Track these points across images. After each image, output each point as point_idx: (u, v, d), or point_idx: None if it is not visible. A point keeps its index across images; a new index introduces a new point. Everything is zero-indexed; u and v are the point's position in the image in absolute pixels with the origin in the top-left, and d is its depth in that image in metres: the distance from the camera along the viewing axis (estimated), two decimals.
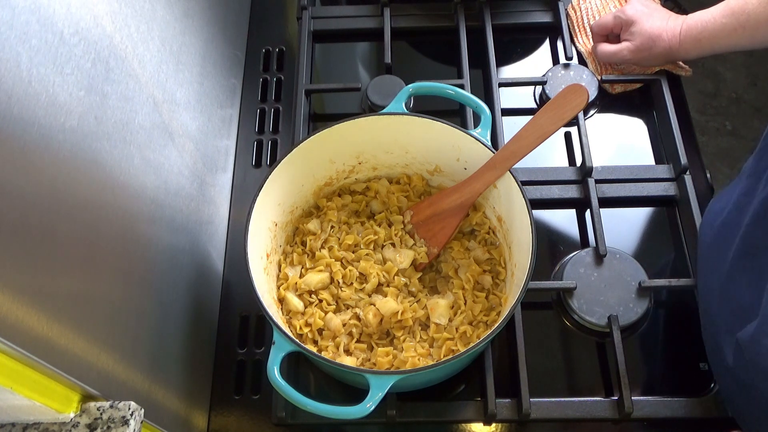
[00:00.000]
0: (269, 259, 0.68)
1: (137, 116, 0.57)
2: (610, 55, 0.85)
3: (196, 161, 0.72)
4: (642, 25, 0.82)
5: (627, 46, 0.83)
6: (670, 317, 0.75)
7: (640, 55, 0.83)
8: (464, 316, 0.67)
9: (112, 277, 0.52)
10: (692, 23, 0.80)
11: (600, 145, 0.85)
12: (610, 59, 0.86)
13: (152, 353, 0.59)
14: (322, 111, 0.91)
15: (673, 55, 0.83)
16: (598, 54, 0.87)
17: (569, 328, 0.74)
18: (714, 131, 1.79)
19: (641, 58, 0.84)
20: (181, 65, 0.68)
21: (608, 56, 0.86)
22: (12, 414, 0.45)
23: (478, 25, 0.92)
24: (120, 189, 0.53)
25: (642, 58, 0.84)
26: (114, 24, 0.53)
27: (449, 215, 0.71)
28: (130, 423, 0.46)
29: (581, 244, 0.80)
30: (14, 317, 0.39)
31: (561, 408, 0.68)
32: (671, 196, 0.81)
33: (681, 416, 0.67)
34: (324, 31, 0.95)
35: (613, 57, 0.85)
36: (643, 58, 0.84)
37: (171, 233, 0.64)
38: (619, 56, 0.85)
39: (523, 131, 0.67)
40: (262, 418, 0.70)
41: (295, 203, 0.72)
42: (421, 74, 0.93)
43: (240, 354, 0.74)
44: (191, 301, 0.69)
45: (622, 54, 0.84)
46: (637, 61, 0.85)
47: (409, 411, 0.68)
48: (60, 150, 0.44)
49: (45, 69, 0.43)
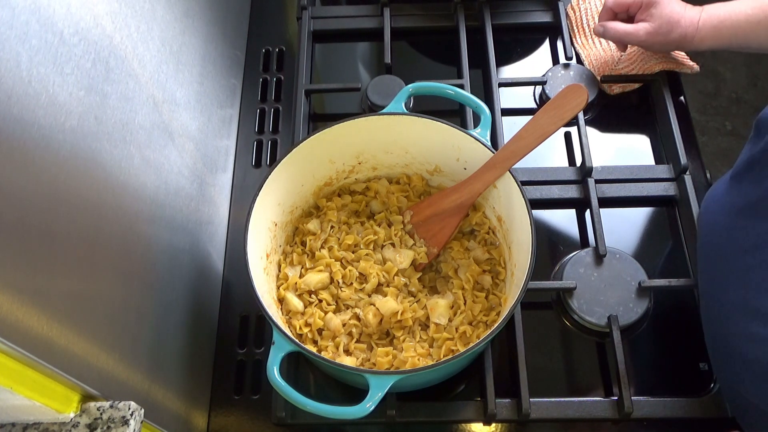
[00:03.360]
0: (269, 259, 0.68)
1: (137, 116, 0.57)
2: (624, 34, 0.81)
3: (196, 161, 0.72)
4: (663, 7, 0.79)
5: (645, 27, 0.80)
6: (670, 317, 0.75)
7: (655, 39, 0.80)
8: (464, 316, 0.67)
9: (112, 277, 0.52)
10: (713, 12, 0.77)
11: (600, 145, 0.85)
12: (621, 39, 0.82)
13: (152, 353, 0.59)
14: (322, 111, 0.91)
15: (687, 44, 0.80)
16: (607, 32, 0.82)
17: (569, 328, 0.74)
18: (714, 131, 1.79)
19: (655, 42, 0.81)
20: (181, 65, 0.68)
21: (621, 35, 0.81)
22: (12, 414, 0.45)
23: (478, 25, 0.93)
24: (120, 189, 0.53)
25: (656, 42, 0.80)
26: (114, 24, 0.53)
27: (449, 215, 0.71)
28: (130, 423, 0.46)
29: (581, 244, 0.80)
30: (14, 317, 0.39)
31: (561, 408, 0.68)
32: (671, 196, 0.81)
33: (681, 416, 0.67)
34: (324, 31, 0.95)
35: (627, 37, 0.81)
36: (656, 42, 0.81)
37: (171, 233, 0.64)
38: (633, 36, 0.80)
39: (523, 131, 0.67)
40: (262, 418, 0.70)
41: (295, 203, 0.72)
42: (421, 74, 0.93)
43: (240, 354, 0.74)
44: (191, 301, 0.69)
45: (638, 34, 0.80)
46: (650, 44, 0.82)
47: (409, 411, 0.68)
48: (60, 150, 0.44)
49: (45, 69, 0.43)
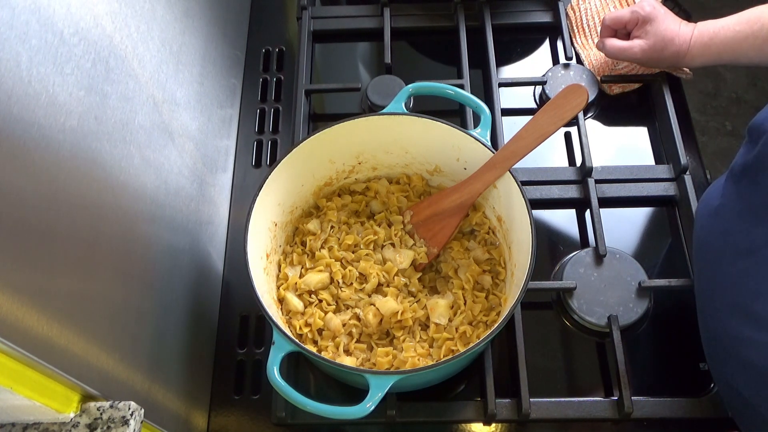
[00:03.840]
0: (269, 259, 0.68)
1: (137, 116, 0.57)
2: (619, 50, 0.83)
3: (196, 161, 0.72)
4: (659, 25, 0.80)
5: (639, 44, 0.81)
6: (670, 317, 0.75)
7: (650, 56, 0.81)
8: (464, 316, 0.67)
9: (112, 277, 0.52)
10: (703, 29, 0.79)
11: (600, 145, 0.85)
12: (617, 55, 0.83)
13: (152, 353, 0.59)
14: (322, 111, 0.91)
15: (680, 61, 0.82)
16: (606, 48, 0.84)
17: (569, 328, 0.74)
18: (714, 131, 1.79)
19: (649, 59, 0.82)
20: (181, 65, 0.68)
21: (617, 52, 0.83)
22: (12, 414, 0.45)
23: (478, 25, 0.92)
24: (120, 189, 0.53)
25: (651, 58, 0.82)
26: (114, 24, 0.53)
27: (449, 215, 0.71)
28: (130, 423, 0.46)
29: (581, 244, 0.80)
30: (14, 317, 0.39)
31: (561, 408, 0.68)
32: (671, 196, 0.81)
33: (680, 416, 0.67)
34: (324, 31, 0.95)
35: (622, 53, 0.83)
36: (651, 59, 0.82)
37: (171, 233, 0.64)
38: (628, 53, 0.82)
39: (523, 131, 0.67)
40: (262, 418, 0.70)
41: (295, 203, 0.72)
42: (421, 74, 0.93)
43: (240, 354, 0.74)
44: (191, 301, 0.69)
45: (632, 51, 0.82)
46: (645, 61, 0.83)
47: (409, 411, 0.68)
48: (60, 150, 0.44)
49: (45, 69, 0.43)
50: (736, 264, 0.60)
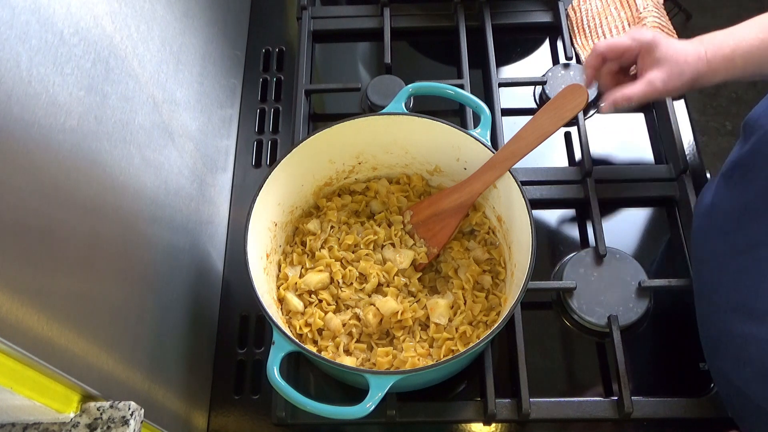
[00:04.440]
0: (269, 259, 0.68)
1: (137, 116, 0.57)
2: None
3: (196, 161, 0.72)
4: (666, 49, 0.68)
5: (658, 75, 0.68)
6: (670, 317, 0.75)
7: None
8: (464, 316, 0.67)
9: (112, 277, 0.52)
10: (716, 43, 0.68)
11: (600, 145, 0.85)
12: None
13: (152, 353, 0.59)
14: (322, 111, 0.91)
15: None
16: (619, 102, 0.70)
17: (569, 328, 0.74)
18: (714, 131, 1.79)
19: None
20: (181, 65, 0.68)
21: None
22: (12, 414, 0.45)
23: (478, 25, 0.92)
24: (120, 189, 0.53)
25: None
26: (114, 24, 0.53)
27: (449, 215, 0.71)
28: (130, 423, 0.46)
29: (581, 244, 0.80)
30: (14, 317, 0.39)
31: (561, 408, 0.68)
32: (671, 196, 0.81)
33: (680, 416, 0.67)
34: (324, 31, 0.95)
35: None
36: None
37: (171, 233, 0.64)
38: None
39: (522, 131, 0.67)
40: (262, 418, 0.70)
41: (294, 203, 0.72)
42: (421, 74, 0.93)
43: (240, 354, 0.74)
44: (191, 301, 0.69)
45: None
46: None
47: (409, 411, 0.68)
48: (60, 150, 0.44)
49: (45, 69, 0.43)
50: (735, 261, 0.60)
